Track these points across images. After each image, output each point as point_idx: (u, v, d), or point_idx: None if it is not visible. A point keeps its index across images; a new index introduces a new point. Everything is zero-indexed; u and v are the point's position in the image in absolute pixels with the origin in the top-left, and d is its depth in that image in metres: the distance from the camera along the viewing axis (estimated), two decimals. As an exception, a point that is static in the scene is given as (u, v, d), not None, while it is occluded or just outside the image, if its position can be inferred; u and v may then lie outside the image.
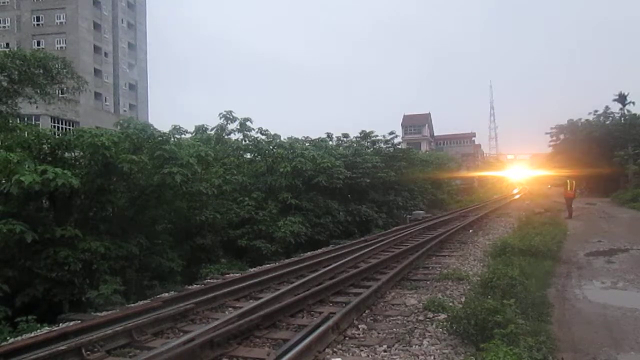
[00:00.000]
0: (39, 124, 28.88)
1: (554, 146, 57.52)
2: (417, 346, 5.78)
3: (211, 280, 10.58)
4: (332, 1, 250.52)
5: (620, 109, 46.65)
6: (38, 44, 49.81)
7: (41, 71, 17.29)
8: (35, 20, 52.18)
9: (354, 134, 33.61)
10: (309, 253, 14.09)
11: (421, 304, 7.60)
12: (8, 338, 7.21)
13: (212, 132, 23.64)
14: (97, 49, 54.75)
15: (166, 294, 9.21)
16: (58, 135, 16.37)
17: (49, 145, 12.78)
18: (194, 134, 22.58)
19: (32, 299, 10.78)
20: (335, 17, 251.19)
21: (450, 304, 7.48)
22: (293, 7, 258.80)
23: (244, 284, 9.09)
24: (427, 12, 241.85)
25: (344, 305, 7.39)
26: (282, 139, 24.28)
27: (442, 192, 40.18)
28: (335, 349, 5.79)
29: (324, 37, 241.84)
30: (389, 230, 19.17)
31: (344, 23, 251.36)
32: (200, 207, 16.32)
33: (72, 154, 13.29)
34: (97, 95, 53.49)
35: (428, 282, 9.41)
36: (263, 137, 23.89)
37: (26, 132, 13.42)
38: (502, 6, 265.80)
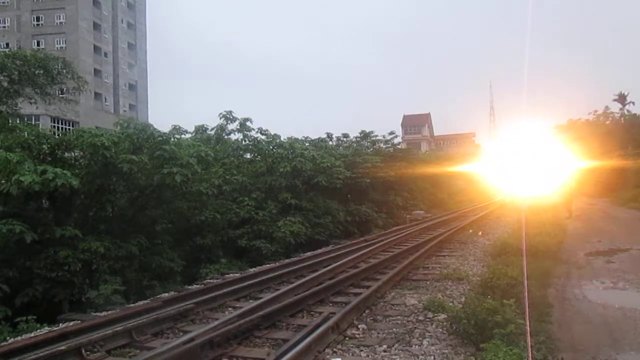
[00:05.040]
0: (39, 124, 28.87)
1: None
2: (417, 346, 5.78)
3: (211, 280, 10.57)
4: (331, 2, 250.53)
5: (620, 109, 46.77)
6: (38, 44, 49.79)
7: (41, 71, 17.29)
8: (35, 20, 52.14)
9: (353, 134, 33.70)
10: (308, 253, 14.07)
11: (421, 304, 7.60)
12: (8, 338, 7.21)
13: (212, 132, 23.66)
14: (97, 49, 54.70)
15: (166, 294, 9.20)
16: (58, 135, 16.39)
17: (48, 146, 12.78)
18: (194, 134, 22.60)
19: (32, 299, 10.79)
20: (335, 17, 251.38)
21: (450, 304, 7.48)
22: (292, 8, 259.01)
23: (243, 284, 9.09)
24: (426, 13, 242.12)
25: (343, 305, 7.39)
26: (282, 139, 24.27)
27: (442, 192, 40.16)
28: (335, 349, 5.79)
29: (323, 38, 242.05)
30: (389, 230, 19.15)
31: (344, 23, 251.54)
32: (200, 207, 16.32)
33: (72, 154, 13.29)
34: (97, 96, 53.43)
35: (428, 282, 9.41)
36: (263, 137, 23.89)
37: (26, 132, 13.43)
38: (501, 6, 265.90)
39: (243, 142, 24.22)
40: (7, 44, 46.60)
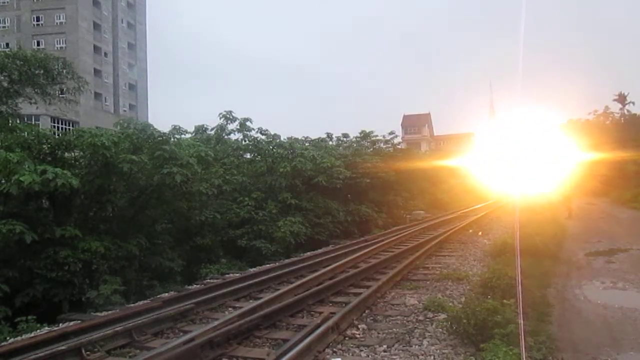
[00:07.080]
0: (39, 124, 28.86)
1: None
2: (417, 346, 5.78)
3: (211, 280, 10.58)
4: (331, 3, 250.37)
5: (620, 108, 46.77)
6: (38, 44, 49.74)
7: (41, 71, 17.27)
8: (35, 20, 52.13)
9: (354, 134, 33.73)
10: (308, 253, 14.08)
11: (421, 304, 7.61)
12: (8, 338, 7.21)
13: (212, 132, 23.67)
14: (97, 49, 54.70)
15: (166, 294, 9.20)
16: (58, 135, 16.37)
17: (48, 145, 12.78)
18: (193, 134, 22.61)
19: (32, 299, 10.79)
20: (335, 17, 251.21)
21: (450, 304, 7.49)
22: (292, 8, 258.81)
23: (243, 284, 9.09)
24: (426, 13, 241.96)
25: (344, 305, 7.40)
26: (281, 139, 24.29)
27: (442, 192, 40.11)
28: (335, 349, 5.79)
29: (323, 38, 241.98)
30: (389, 230, 19.17)
31: (344, 23, 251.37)
32: (200, 207, 16.33)
33: (72, 154, 13.28)
34: (97, 95, 53.42)
35: (428, 282, 9.42)
36: (263, 137, 23.92)
37: (26, 132, 13.41)
38: (503, 7, 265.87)
39: (243, 142, 24.23)
40: (7, 44, 46.54)
